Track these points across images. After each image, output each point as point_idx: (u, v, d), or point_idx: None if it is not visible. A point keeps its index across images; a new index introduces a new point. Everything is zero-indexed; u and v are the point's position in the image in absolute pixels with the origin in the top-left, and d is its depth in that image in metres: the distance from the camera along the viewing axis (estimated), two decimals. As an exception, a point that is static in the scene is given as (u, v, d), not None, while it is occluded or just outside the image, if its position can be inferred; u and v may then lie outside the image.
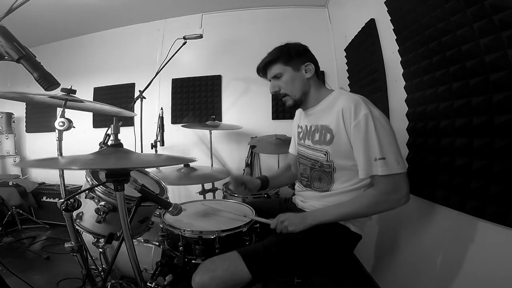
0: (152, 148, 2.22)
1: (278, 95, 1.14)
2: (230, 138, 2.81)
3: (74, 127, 1.10)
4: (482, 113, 0.88)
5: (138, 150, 2.29)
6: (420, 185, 1.17)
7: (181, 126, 2.33)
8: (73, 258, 1.13)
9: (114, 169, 0.82)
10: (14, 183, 2.69)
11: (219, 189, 2.17)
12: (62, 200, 0.96)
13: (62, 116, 1.08)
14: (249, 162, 2.55)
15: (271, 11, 2.80)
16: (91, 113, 3.03)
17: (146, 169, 1.46)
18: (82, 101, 1.21)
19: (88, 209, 1.10)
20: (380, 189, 0.94)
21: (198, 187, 2.20)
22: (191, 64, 2.93)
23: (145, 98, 2.24)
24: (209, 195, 2.25)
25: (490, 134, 0.85)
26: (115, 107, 1.38)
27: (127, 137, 1.87)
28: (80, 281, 1.23)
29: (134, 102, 2.19)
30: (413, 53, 1.23)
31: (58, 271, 1.85)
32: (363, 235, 1.10)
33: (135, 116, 2.11)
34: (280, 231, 1.03)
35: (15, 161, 3.24)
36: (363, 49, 1.82)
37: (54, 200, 2.78)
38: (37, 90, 0.98)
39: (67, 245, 1.10)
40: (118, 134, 0.94)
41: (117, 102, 2.94)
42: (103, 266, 1.33)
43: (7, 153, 3.20)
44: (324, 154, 1.06)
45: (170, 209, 1.05)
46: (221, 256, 0.96)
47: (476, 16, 0.86)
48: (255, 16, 2.83)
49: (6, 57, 0.76)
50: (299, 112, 1.27)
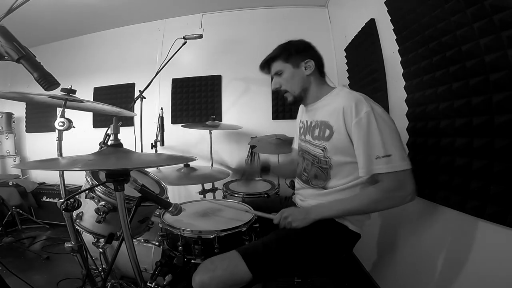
0: (152, 148, 2.22)
1: (279, 92, 1.16)
2: (230, 138, 2.81)
3: (74, 127, 1.10)
4: (482, 113, 0.88)
5: (138, 150, 2.29)
6: (420, 185, 1.15)
7: (181, 126, 2.33)
8: (73, 258, 1.13)
9: (114, 169, 0.82)
10: (14, 183, 2.69)
11: (219, 189, 2.17)
12: (62, 200, 0.96)
13: (62, 116, 1.08)
14: (249, 162, 2.55)
15: (271, 11, 2.80)
16: (91, 113, 3.04)
17: (146, 169, 1.46)
18: (82, 101, 1.21)
19: (88, 209, 1.11)
20: (385, 186, 0.93)
21: (198, 187, 2.20)
22: (191, 64, 2.93)
23: (145, 98, 2.24)
24: (209, 195, 2.25)
25: (490, 134, 0.85)
26: (115, 107, 1.38)
27: (127, 137, 1.87)
28: (80, 281, 1.23)
29: (134, 102, 2.19)
30: (413, 53, 1.23)
31: (58, 271, 1.85)
32: (363, 234, 1.10)
33: (135, 116, 2.11)
34: (284, 226, 1.03)
35: (15, 161, 3.24)
36: (363, 49, 1.82)
37: (54, 200, 2.78)
38: (37, 90, 0.97)
39: (67, 245, 1.10)
40: (118, 134, 0.94)
41: (117, 102, 2.94)
42: (103, 266, 1.33)
43: (7, 153, 3.20)
44: (322, 150, 1.06)
45: (170, 209, 1.05)
46: (221, 256, 0.96)
47: (476, 16, 0.86)
48: (255, 16, 2.83)
49: (6, 57, 0.76)
50: (302, 108, 1.28)
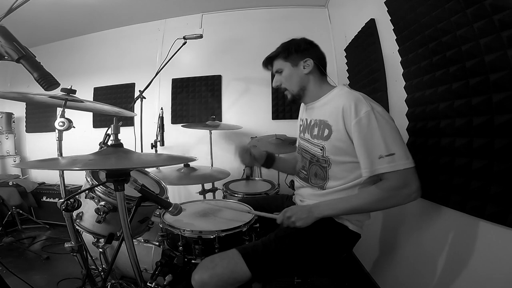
0: (152, 148, 2.23)
1: (280, 89, 1.17)
2: (230, 138, 2.81)
3: (74, 127, 1.10)
4: (482, 113, 0.88)
5: (138, 150, 2.29)
6: (420, 185, 1.17)
7: (181, 126, 2.33)
8: (73, 258, 1.12)
9: (114, 169, 0.82)
10: (14, 183, 2.69)
11: (219, 189, 2.17)
12: (62, 200, 0.96)
13: (62, 116, 1.08)
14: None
15: (271, 11, 2.80)
16: (91, 113, 3.04)
17: (146, 169, 1.46)
18: (82, 101, 1.21)
19: (88, 209, 1.11)
20: (390, 185, 0.91)
21: (198, 187, 2.20)
22: (191, 64, 2.94)
23: (145, 98, 2.24)
24: (209, 195, 2.25)
25: (490, 134, 0.85)
26: (115, 107, 1.38)
27: (127, 137, 1.87)
28: (80, 281, 1.23)
29: (134, 102, 2.19)
30: (413, 53, 1.23)
31: (58, 271, 1.85)
32: (363, 234, 1.10)
33: (135, 116, 2.11)
34: (287, 226, 1.03)
35: (15, 161, 3.24)
36: (363, 49, 1.82)
37: (54, 200, 2.77)
38: (37, 90, 0.98)
39: (67, 245, 1.10)
40: (118, 134, 0.94)
41: (117, 102, 2.96)
42: (103, 266, 1.33)
43: (7, 153, 3.20)
44: (320, 149, 1.06)
45: (170, 209, 1.05)
46: (221, 254, 0.96)
47: (476, 16, 0.86)
48: (255, 16, 2.83)
49: (6, 57, 0.76)
50: (302, 106, 1.29)
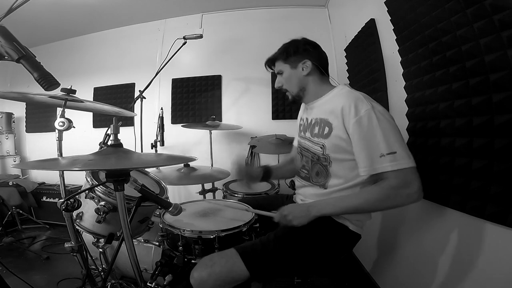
0: (152, 148, 2.23)
1: (281, 90, 1.19)
2: (230, 138, 2.81)
3: (74, 127, 1.10)
4: (482, 113, 0.88)
5: (138, 150, 2.29)
6: (421, 186, 1.17)
7: (181, 126, 2.33)
8: (73, 258, 1.12)
9: (114, 169, 0.82)
10: (14, 183, 2.69)
11: (219, 189, 2.17)
12: (62, 200, 0.96)
13: (62, 116, 1.08)
14: (249, 162, 2.55)
15: (271, 11, 2.80)
16: (91, 113, 3.04)
17: (146, 169, 1.46)
18: (82, 101, 1.21)
19: (88, 209, 1.11)
20: (391, 184, 0.89)
21: (198, 187, 2.20)
22: (191, 64, 2.94)
23: (145, 98, 2.24)
24: (209, 195, 2.25)
25: (490, 134, 0.85)
26: (115, 107, 1.38)
27: (127, 137, 1.87)
28: (80, 281, 1.23)
29: (134, 102, 2.19)
30: (413, 53, 1.23)
31: (58, 271, 1.85)
32: (363, 234, 1.10)
33: (135, 116, 2.11)
34: (284, 224, 1.02)
35: (15, 161, 3.24)
36: (363, 49, 1.82)
37: (54, 200, 2.78)
38: (37, 90, 0.98)
39: (67, 245, 1.10)
40: (118, 134, 0.94)
41: (117, 102, 2.95)
42: (103, 266, 1.33)
43: (7, 153, 3.20)
44: (321, 147, 1.06)
45: (170, 209, 1.05)
46: (220, 253, 0.96)
47: (476, 16, 0.86)
48: (255, 16, 2.83)
49: (6, 57, 0.76)
50: (303, 106, 1.29)
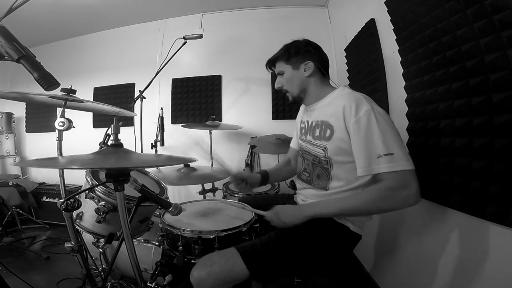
0: (152, 148, 2.22)
1: (281, 91, 1.18)
2: (230, 138, 2.81)
3: (74, 127, 1.10)
4: (482, 113, 0.88)
5: (138, 150, 2.29)
6: (420, 185, 1.16)
7: (181, 126, 2.33)
8: (73, 258, 1.12)
9: (114, 169, 0.82)
10: (14, 183, 2.69)
11: (219, 189, 2.17)
12: (62, 200, 0.96)
13: (62, 116, 1.08)
14: (249, 162, 2.55)
15: (271, 11, 2.80)
16: (91, 113, 3.04)
17: (146, 169, 1.46)
18: (82, 101, 1.21)
19: (88, 209, 1.11)
20: (388, 185, 0.87)
21: (198, 187, 2.20)
22: (191, 64, 2.93)
23: (145, 98, 2.24)
24: (209, 195, 2.25)
25: (490, 134, 0.85)
26: (115, 107, 1.38)
27: (127, 137, 1.87)
28: (80, 281, 1.23)
29: (134, 102, 2.19)
30: (413, 53, 1.23)
31: (58, 271, 1.85)
32: (363, 235, 1.09)
33: (135, 116, 2.11)
34: (275, 224, 1.02)
35: (15, 161, 3.24)
36: (363, 49, 1.82)
37: (54, 200, 2.77)
38: (37, 90, 0.98)
39: (67, 245, 1.10)
40: (118, 134, 0.94)
41: (117, 102, 2.95)
42: (103, 266, 1.33)
43: (7, 153, 3.19)
44: (323, 150, 1.06)
45: (170, 209, 1.05)
46: (219, 252, 0.96)
47: (476, 16, 0.86)
48: (255, 16, 2.83)
49: (6, 57, 0.76)
50: (303, 108, 1.29)
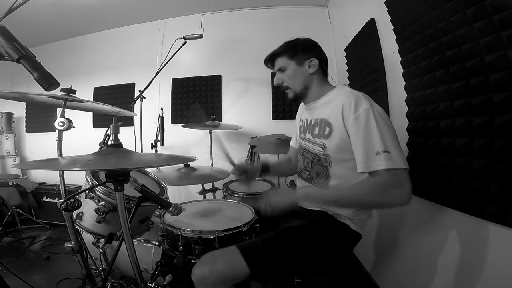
0: (152, 148, 2.22)
1: (281, 87, 1.17)
2: (230, 138, 2.81)
3: (74, 127, 1.10)
4: (482, 113, 0.88)
5: (138, 150, 2.29)
6: (420, 185, 1.17)
7: (181, 126, 2.33)
8: (73, 258, 1.12)
9: (114, 169, 0.82)
10: (14, 183, 2.69)
11: (219, 189, 2.17)
12: (62, 200, 0.96)
13: (62, 116, 1.07)
14: (249, 162, 2.55)
15: (271, 11, 2.80)
16: (91, 113, 3.04)
17: (146, 169, 1.46)
18: (82, 101, 1.21)
19: (88, 209, 1.11)
20: (383, 180, 0.87)
21: (198, 187, 2.20)
22: (191, 64, 2.94)
23: (145, 98, 2.24)
24: (209, 195, 2.25)
25: (490, 134, 0.85)
26: (115, 107, 1.38)
27: (127, 137, 1.87)
28: (80, 281, 1.23)
29: (134, 102, 2.19)
30: (413, 53, 1.23)
31: (58, 271, 1.85)
32: (363, 234, 1.09)
33: (135, 116, 2.11)
34: (266, 211, 1.00)
35: (15, 161, 3.24)
36: (363, 49, 1.82)
37: (54, 200, 2.77)
38: (37, 90, 0.98)
39: (67, 245, 1.10)
40: (118, 134, 0.94)
41: (117, 102, 2.96)
42: (103, 266, 1.33)
43: (7, 153, 3.19)
44: (322, 148, 1.06)
45: (170, 209, 1.05)
46: (221, 250, 0.96)
47: (476, 16, 0.86)
48: (255, 16, 2.83)
49: (6, 57, 0.76)
50: (302, 106, 1.29)
